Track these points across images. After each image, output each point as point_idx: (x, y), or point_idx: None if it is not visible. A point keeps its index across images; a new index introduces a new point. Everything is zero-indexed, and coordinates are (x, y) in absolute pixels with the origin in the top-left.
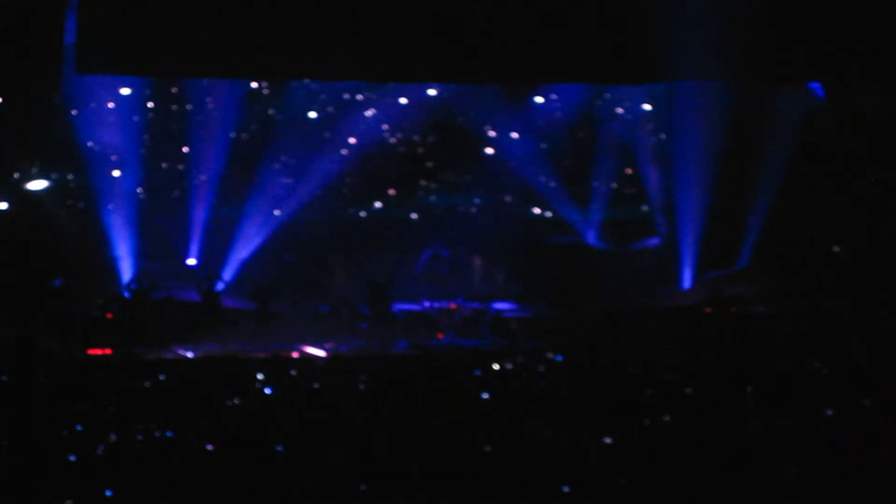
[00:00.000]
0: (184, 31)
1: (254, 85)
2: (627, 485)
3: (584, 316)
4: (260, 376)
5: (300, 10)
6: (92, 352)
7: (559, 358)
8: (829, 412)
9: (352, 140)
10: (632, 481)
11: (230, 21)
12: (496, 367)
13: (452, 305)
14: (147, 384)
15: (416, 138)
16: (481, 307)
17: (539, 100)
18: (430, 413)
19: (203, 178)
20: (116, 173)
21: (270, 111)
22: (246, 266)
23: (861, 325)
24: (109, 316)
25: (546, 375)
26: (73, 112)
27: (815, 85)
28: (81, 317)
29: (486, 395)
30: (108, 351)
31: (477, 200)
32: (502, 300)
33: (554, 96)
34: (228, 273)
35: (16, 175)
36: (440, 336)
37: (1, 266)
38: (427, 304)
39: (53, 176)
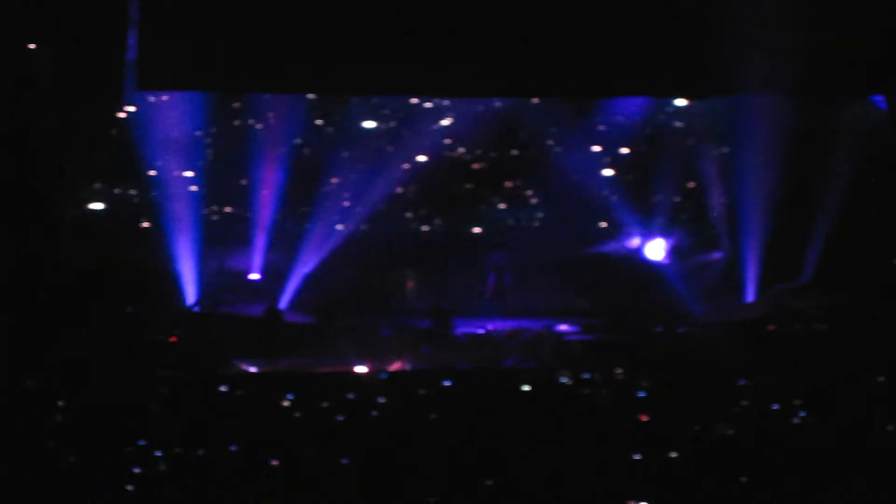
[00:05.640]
0: (247, 46)
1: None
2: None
3: (646, 334)
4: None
5: (363, 24)
6: None
7: (619, 375)
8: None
9: (417, 156)
10: (695, 498)
11: (294, 35)
12: (564, 380)
13: (514, 328)
14: (210, 399)
15: (478, 152)
16: (544, 329)
17: (601, 114)
18: (490, 433)
19: (266, 192)
20: (178, 190)
21: (320, 122)
22: (309, 281)
23: None
24: (173, 340)
25: (609, 393)
26: (135, 128)
27: (879, 98)
28: (145, 340)
29: (547, 414)
30: None
31: (539, 214)
32: (565, 319)
33: (616, 110)
34: (290, 289)
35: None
36: (502, 360)
37: (67, 289)
38: (490, 326)
39: (116, 192)
